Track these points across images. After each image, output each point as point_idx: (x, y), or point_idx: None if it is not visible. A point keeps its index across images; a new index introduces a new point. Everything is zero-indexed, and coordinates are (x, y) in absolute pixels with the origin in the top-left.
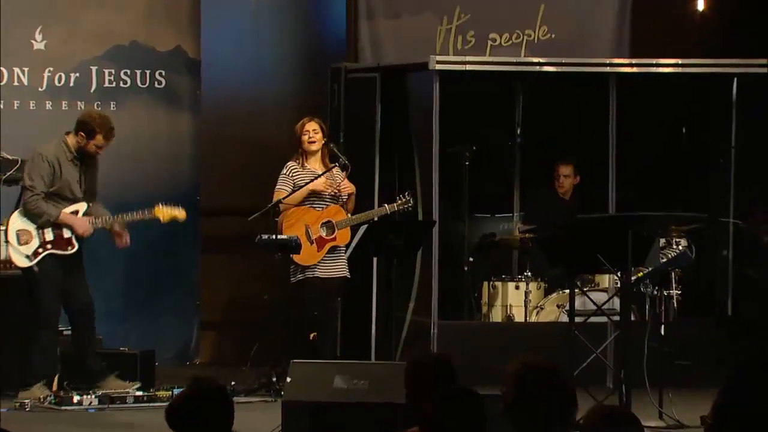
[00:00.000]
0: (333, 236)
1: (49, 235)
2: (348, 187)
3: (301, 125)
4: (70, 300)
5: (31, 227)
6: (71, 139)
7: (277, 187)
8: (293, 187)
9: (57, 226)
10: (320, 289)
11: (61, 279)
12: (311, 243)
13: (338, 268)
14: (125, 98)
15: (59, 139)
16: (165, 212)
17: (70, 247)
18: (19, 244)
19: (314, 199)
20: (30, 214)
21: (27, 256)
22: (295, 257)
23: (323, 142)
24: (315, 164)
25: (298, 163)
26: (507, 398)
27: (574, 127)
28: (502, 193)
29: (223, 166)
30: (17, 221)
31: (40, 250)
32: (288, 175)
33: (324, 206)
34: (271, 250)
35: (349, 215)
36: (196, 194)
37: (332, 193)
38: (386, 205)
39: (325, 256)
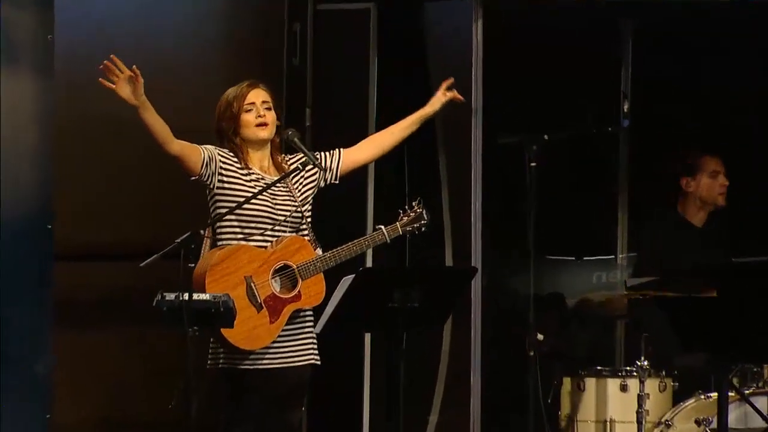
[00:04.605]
0: (296, 292)
1: None
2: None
3: (238, 95)
4: None
5: None
6: None
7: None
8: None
9: None
10: (263, 391)
11: None
12: (258, 308)
13: (301, 349)
14: None
15: None
16: None
17: None
18: None
19: (250, 220)
20: None
21: None
22: (231, 337)
23: (277, 126)
24: (261, 162)
25: (238, 160)
26: None
27: (722, 98)
28: (596, 218)
29: (93, 170)
30: None
31: None
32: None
33: (273, 237)
34: (181, 321)
35: (320, 250)
36: (47, 221)
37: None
38: (383, 228)
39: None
